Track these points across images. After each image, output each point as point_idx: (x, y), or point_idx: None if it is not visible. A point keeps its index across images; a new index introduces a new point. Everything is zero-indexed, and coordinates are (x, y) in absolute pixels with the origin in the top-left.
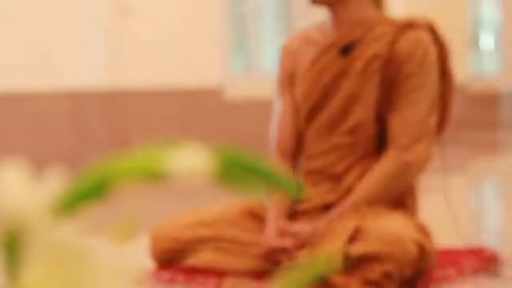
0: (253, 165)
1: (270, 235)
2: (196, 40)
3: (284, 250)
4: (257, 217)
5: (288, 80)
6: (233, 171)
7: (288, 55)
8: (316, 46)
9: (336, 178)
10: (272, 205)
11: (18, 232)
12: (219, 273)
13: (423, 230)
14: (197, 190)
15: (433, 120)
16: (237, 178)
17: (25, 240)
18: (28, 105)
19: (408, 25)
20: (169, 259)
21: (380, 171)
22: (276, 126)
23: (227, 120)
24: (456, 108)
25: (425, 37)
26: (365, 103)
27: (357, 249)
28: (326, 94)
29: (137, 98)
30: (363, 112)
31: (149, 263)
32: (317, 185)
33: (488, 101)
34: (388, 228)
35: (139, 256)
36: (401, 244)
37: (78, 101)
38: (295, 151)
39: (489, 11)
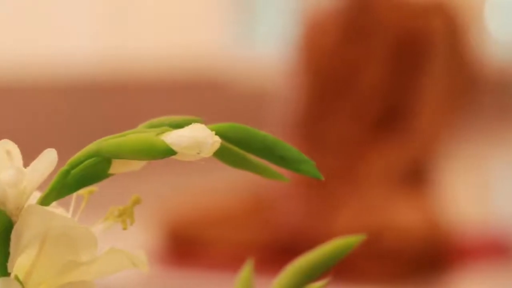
0: (263, 142)
1: (291, 217)
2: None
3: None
4: (265, 205)
5: (308, 56)
6: (241, 147)
7: (312, 30)
8: (337, 21)
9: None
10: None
11: (8, 216)
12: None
13: (434, 223)
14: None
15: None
16: (243, 155)
17: (16, 224)
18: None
19: (418, 9)
20: (182, 238)
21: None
22: (290, 99)
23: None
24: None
25: (435, 22)
26: (371, 71)
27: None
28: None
29: (136, 90)
30: (370, 79)
31: (156, 244)
32: (326, 155)
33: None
34: (396, 226)
35: (145, 236)
36: (409, 242)
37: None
38: (310, 125)
39: None
